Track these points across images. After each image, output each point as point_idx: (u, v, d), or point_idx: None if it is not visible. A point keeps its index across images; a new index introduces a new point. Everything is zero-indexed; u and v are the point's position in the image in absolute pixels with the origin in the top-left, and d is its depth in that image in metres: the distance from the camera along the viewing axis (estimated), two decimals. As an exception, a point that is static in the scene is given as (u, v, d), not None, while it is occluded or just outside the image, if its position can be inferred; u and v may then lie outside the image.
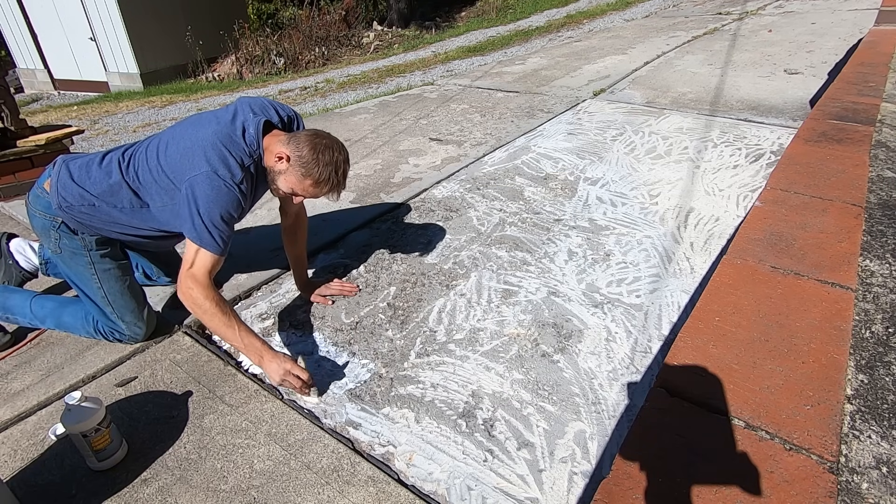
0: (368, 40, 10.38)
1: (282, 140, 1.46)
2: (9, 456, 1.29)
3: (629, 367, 1.47)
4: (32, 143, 2.45)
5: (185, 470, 1.22)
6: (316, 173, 1.43)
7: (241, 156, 1.42)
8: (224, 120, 1.47)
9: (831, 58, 4.56)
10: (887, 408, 1.04)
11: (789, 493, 0.85)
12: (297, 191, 1.48)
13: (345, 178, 1.50)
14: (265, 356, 1.40)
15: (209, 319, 1.39)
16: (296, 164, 1.43)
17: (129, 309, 1.59)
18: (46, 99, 10.32)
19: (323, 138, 1.46)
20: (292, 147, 1.44)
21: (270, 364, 1.39)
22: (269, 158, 1.47)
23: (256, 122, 1.47)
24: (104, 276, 1.57)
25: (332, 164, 1.44)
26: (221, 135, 1.43)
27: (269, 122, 1.50)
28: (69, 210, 1.49)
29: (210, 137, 1.42)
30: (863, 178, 1.95)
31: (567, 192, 2.54)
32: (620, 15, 8.68)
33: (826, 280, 1.39)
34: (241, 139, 1.44)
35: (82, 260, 1.56)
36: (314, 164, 1.43)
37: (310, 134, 1.47)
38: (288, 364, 1.39)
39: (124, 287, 1.60)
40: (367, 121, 3.88)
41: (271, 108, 1.55)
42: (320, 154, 1.43)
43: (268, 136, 1.48)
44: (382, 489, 1.15)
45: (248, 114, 1.49)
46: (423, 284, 1.89)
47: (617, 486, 0.88)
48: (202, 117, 1.52)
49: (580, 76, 4.70)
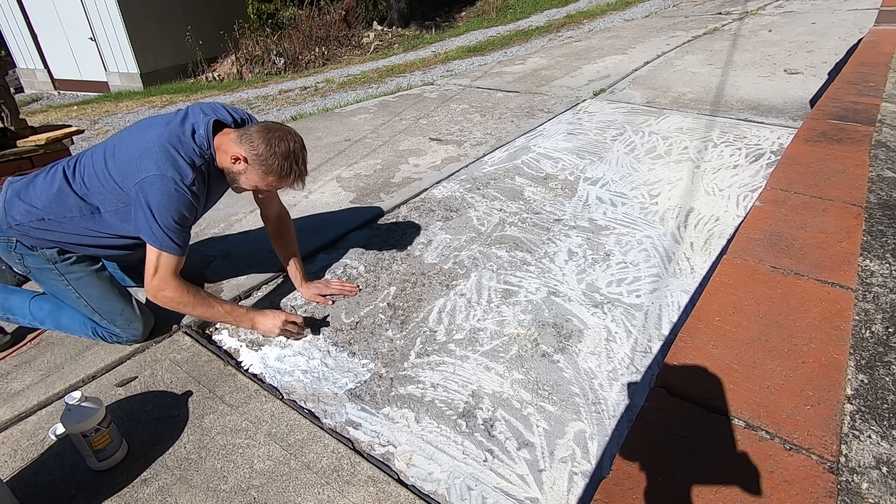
0: (368, 40, 10.38)
1: (233, 139, 1.46)
2: (9, 456, 1.29)
3: (629, 367, 1.47)
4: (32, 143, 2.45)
5: (185, 470, 1.22)
6: (277, 167, 1.44)
7: (191, 156, 1.42)
8: (174, 122, 1.47)
9: (831, 58, 4.56)
10: (887, 408, 1.03)
11: (789, 493, 0.85)
12: (260, 187, 1.50)
13: (305, 165, 1.51)
14: (256, 318, 1.54)
15: (192, 310, 1.48)
16: (254, 162, 1.44)
17: (117, 311, 1.57)
18: (46, 99, 10.32)
19: (275, 130, 1.45)
20: (246, 146, 1.43)
21: (265, 322, 1.53)
22: (223, 159, 1.47)
23: (206, 121, 1.47)
24: (79, 285, 1.55)
25: (290, 154, 1.45)
26: (170, 136, 1.42)
27: (220, 122, 1.50)
28: (20, 228, 1.47)
29: (158, 139, 1.41)
30: (863, 178, 1.95)
31: (567, 192, 2.54)
32: (620, 15, 8.68)
33: (826, 280, 1.39)
34: (190, 139, 1.44)
35: (51, 274, 1.54)
36: (273, 159, 1.43)
37: (260, 129, 1.46)
38: (281, 316, 1.53)
39: (104, 291, 1.58)
40: (367, 121, 3.87)
41: (223, 109, 1.55)
42: (276, 147, 1.43)
43: (219, 136, 1.48)
44: (382, 489, 1.15)
45: (199, 115, 1.49)
46: (423, 284, 1.89)
47: (617, 486, 0.88)
48: (152, 121, 1.52)
49: (580, 76, 4.70)
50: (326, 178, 2.87)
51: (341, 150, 3.27)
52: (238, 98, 6.56)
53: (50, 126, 2.64)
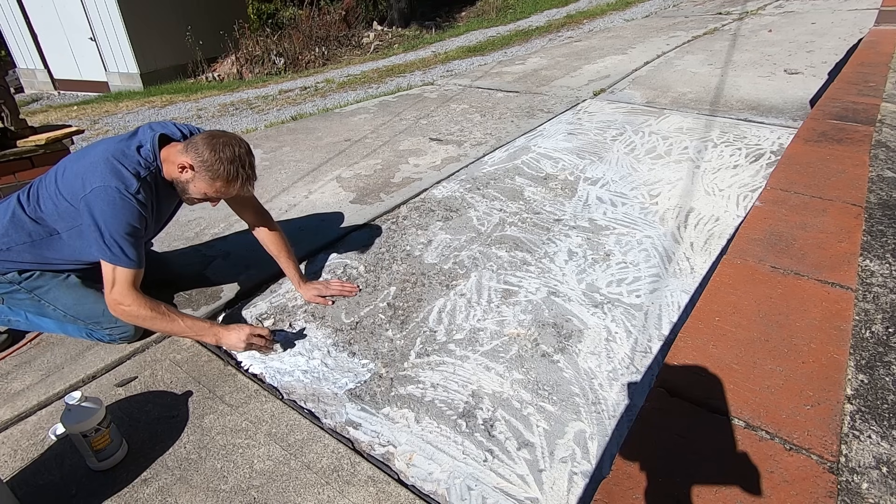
0: (368, 40, 10.38)
1: (179, 149, 1.48)
2: (9, 456, 1.29)
3: (629, 367, 1.47)
4: (32, 143, 2.45)
5: (185, 470, 1.22)
6: (223, 172, 1.44)
7: (136, 167, 1.43)
8: (121, 139, 1.49)
9: (831, 58, 4.56)
10: (887, 408, 1.03)
11: (789, 493, 0.85)
12: (209, 194, 1.50)
13: (253, 169, 1.51)
14: (221, 332, 1.49)
15: (152, 324, 1.45)
16: (200, 169, 1.45)
17: (98, 313, 1.55)
18: (46, 99, 10.32)
19: (219, 137, 1.47)
20: (191, 154, 1.45)
21: (229, 336, 1.48)
22: (171, 170, 1.49)
23: (152, 136, 1.49)
24: (50, 297, 1.55)
25: (236, 159, 1.45)
26: (115, 151, 1.44)
27: (166, 136, 1.52)
28: None
29: (102, 154, 1.43)
30: (863, 178, 1.95)
31: (567, 192, 2.54)
32: (620, 15, 8.68)
33: (826, 280, 1.39)
34: (135, 153, 1.45)
35: (19, 295, 1.55)
36: (218, 164, 1.43)
37: (205, 136, 1.47)
38: (245, 329, 1.48)
39: (78, 296, 1.57)
40: (367, 121, 3.87)
41: (172, 126, 1.57)
42: (221, 152, 1.43)
43: (165, 149, 1.50)
44: (382, 489, 1.15)
45: (147, 131, 1.51)
46: (423, 284, 1.89)
47: (617, 486, 0.88)
48: (99, 141, 1.54)
49: (580, 76, 4.70)
50: (326, 178, 2.87)
51: (341, 150, 3.28)
52: (238, 98, 6.55)
53: (50, 126, 2.64)
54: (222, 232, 2.32)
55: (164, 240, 2.22)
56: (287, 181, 2.85)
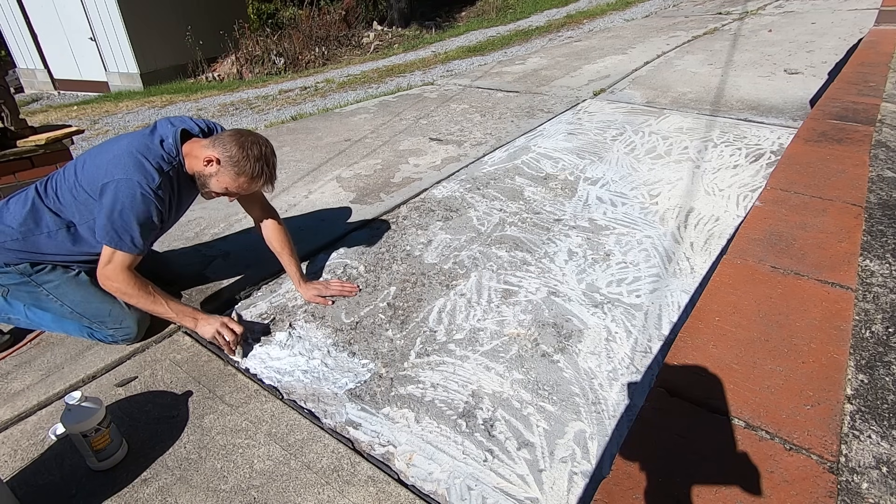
0: (368, 40, 10.38)
1: (204, 144, 1.52)
2: (9, 456, 1.29)
3: (629, 367, 1.47)
4: (32, 143, 2.45)
5: (185, 470, 1.22)
6: (249, 169, 1.49)
7: (159, 162, 1.46)
8: (143, 134, 1.52)
9: (831, 58, 4.56)
10: (887, 408, 1.03)
11: (789, 493, 0.85)
12: (231, 189, 1.54)
13: (275, 169, 1.57)
14: (199, 318, 1.54)
15: (136, 301, 1.49)
16: (227, 164, 1.48)
17: (105, 312, 1.57)
18: (46, 99, 10.32)
19: (247, 135, 1.52)
20: (219, 149, 1.48)
21: (203, 324, 1.53)
22: (194, 164, 1.52)
23: (174, 131, 1.52)
24: (58, 293, 1.56)
25: (262, 157, 1.51)
26: (138, 145, 1.47)
27: (187, 131, 1.55)
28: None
29: (126, 148, 1.46)
30: (863, 178, 1.95)
31: (567, 192, 2.53)
32: (620, 15, 8.68)
33: (826, 280, 1.39)
34: (158, 147, 1.48)
35: (27, 287, 1.55)
36: (245, 161, 1.48)
37: (232, 133, 1.52)
38: (219, 322, 1.52)
39: (86, 294, 1.58)
40: (367, 121, 3.88)
41: (191, 121, 1.61)
42: (249, 150, 1.48)
43: (187, 143, 1.53)
44: (382, 489, 1.15)
45: (167, 126, 1.54)
46: (423, 284, 1.89)
47: (617, 486, 0.88)
48: (121, 136, 1.57)
49: (580, 76, 4.70)
50: (326, 178, 2.87)
51: (341, 150, 3.28)
52: (238, 98, 6.55)
53: (50, 126, 2.64)
54: (222, 232, 2.32)
55: (164, 240, 2.21)
56: (287, 181, 2.85)
